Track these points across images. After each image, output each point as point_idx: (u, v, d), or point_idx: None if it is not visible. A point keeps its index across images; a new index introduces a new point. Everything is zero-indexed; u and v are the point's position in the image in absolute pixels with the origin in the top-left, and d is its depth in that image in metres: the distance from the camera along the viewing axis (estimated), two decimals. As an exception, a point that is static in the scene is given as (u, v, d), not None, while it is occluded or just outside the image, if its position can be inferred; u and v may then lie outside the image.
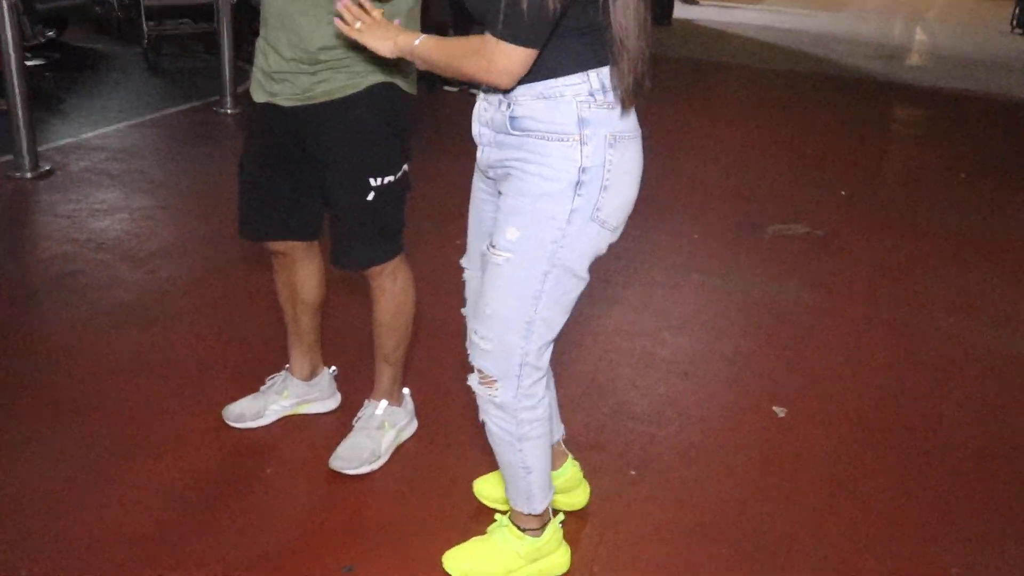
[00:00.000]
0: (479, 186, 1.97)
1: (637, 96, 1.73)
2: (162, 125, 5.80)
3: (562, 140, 1.70)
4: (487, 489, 2.33)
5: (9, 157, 4.80)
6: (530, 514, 2.03)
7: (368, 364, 2.51)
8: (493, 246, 1.80)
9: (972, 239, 4.45)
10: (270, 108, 2.20)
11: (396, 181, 2.21)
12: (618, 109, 1.73)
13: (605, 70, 1.70)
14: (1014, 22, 12.85)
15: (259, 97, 2.23)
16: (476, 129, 1.85)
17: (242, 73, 6.64)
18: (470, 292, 2.08)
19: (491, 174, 1.87)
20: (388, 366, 2.44)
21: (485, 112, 1.81)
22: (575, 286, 1.82)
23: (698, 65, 8.36)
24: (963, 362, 3.23)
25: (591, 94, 1.70)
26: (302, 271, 2.46)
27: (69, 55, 7.82)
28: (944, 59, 9.77)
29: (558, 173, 1.71)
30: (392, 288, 2.35)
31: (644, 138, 1.82)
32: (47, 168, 4.75)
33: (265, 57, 2.18)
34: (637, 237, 4.10)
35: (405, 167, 2.24)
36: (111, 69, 7.55)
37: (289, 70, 2.13)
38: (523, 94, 1.71)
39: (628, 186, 1.79)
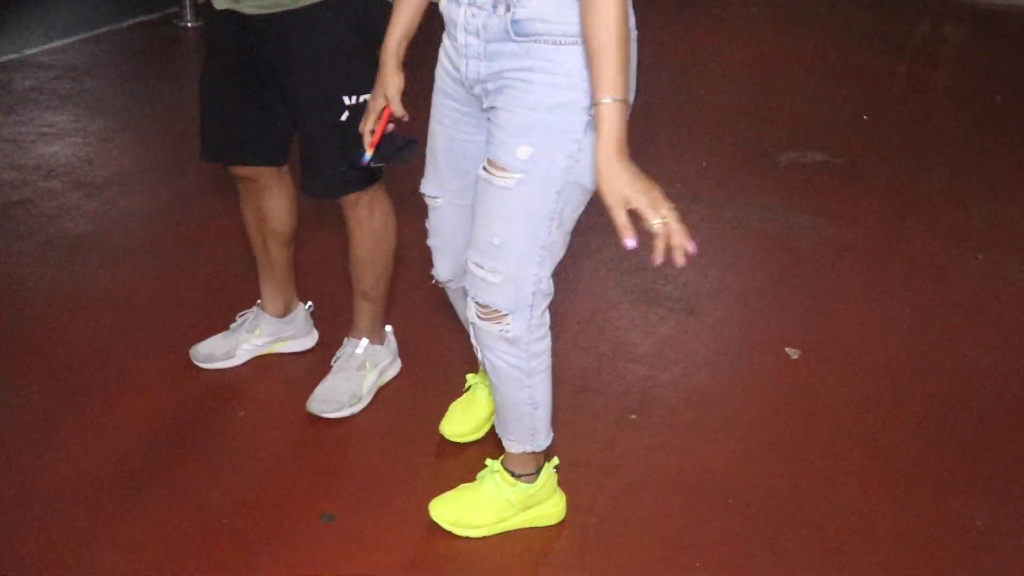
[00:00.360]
0: (450, 105, 1.92)
1: None
2: (115, 40, 5.72)
3: (576, 43, 1.67)
4: (452, 426, 2.39)
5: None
6: (533, 452, 2.08)
7: (348, 297, 2.53)
8: (500, 167, 1.77)
9: (1007, 169, 4.47)
10: (232, 16, 2.16)
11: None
12: None
13: None
14: None
15: (220, 3, 2.18)
16: (462, 39, 1.79)
17: (203, -18, 6.53)
18: (438, 221, 2.07)
19: (477, 90, 1.82)
20: (368, 303, 2.46)
21: (473, 19, 1.74)
22: (584, 200, 1.83)
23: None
24: (994, 303, 3.27)
25: None
26: (270, 199, 2.46)
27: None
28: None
29: (573, 81, 1.69)
30: (369, 220, 2.35)
31: (648, 58, 1.82)
32: (-12, 87, 4.72)
33: None
34: (639, 164, 4.10)
35: None
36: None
37: None
38: None
39: (634, 89, 1.77)
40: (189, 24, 5.96)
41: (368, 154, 2.00)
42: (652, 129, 4.48)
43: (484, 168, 1.81)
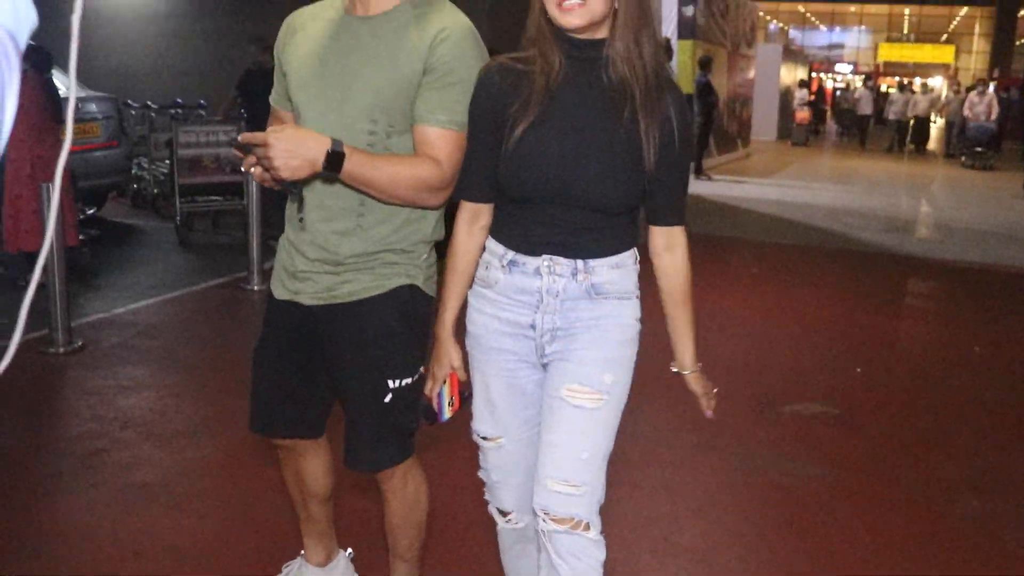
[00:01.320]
0: (507, 358, 2.07)
1: None
2: (191, 301, 5.98)
3: (630, 299, 2.06)
4: None
5: (44, 331, 4.95)
6: None
7: (386, 541, 2.50)
8: (590, 391, 1.98)
9: (993, 413, 4.45)
10: (290, 305, 2.22)
11: (413, 383, 2.20)
12: None
13: None
14: None
15: (280, 294, 2.24)
16: (546, 300, 2.01)
17: (269, 250, 6.81)
18: (501, 459, 2.15)
19: (546, 337, 2.02)
20: (403, 563, 2.42)
21: (554, 284, 1.99)
22: None
23: (711, 241, 8.56)
24: (990, 548, 3.17)
25: (636, 262, 2.07)
26: (308, 463, 2.44)
27: (106, 230, 8.15)
28: (952, 231, 9.98)
29: (633, 324, 2.06)
30: (403, 490, 2.32)
31: (654, 311, 2.17)
32: (79, 344, 4.89)
33: (289, 256, 2.22)
34: (651, 417, 4.13)
35: (422, 369, 2.22)
36: (145, 245, 7.85)
37: (313, 270, 2.16)
38: (601, 264, 2.00)
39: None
40: (255, 288, 6.22)
41: (449, 414, 2.16)
42: (660, 382, 4.52)
43: (568, 392, 1.99)
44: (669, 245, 2.07)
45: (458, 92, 2.02)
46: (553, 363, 2.04)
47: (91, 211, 7.99)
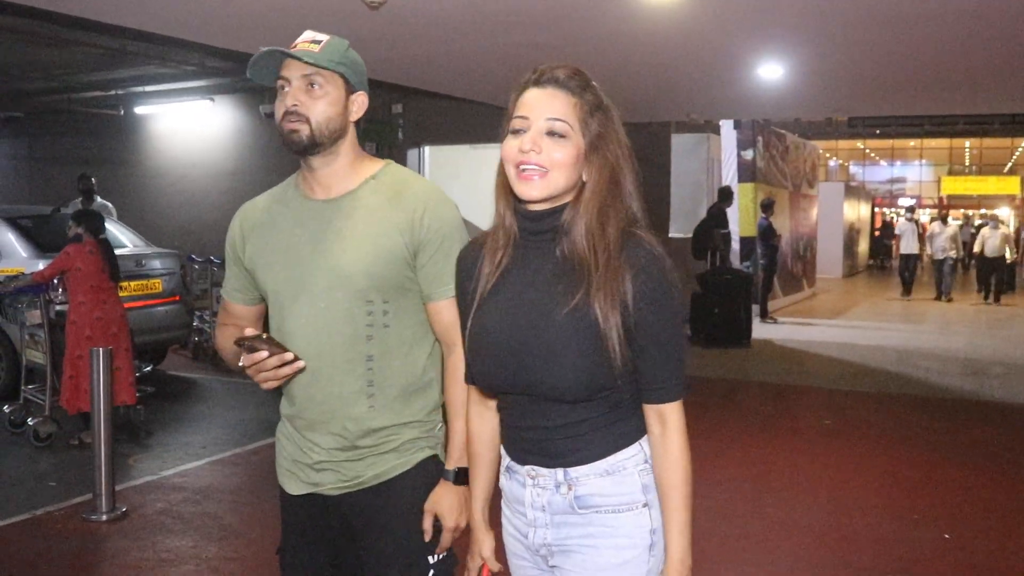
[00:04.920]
0: (524, 564, 1.90)
1: None
2: (243, 462, 5.84)
3: (631, 509, 1.75)
4: None
5: (88, 496, 4.85)
6: None
7: None
8: None
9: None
10: (312, 499, 2.09)
11: (449, 553, 2.09)
12: None
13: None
14: None
15: (295, 489, 2.11)
16: (530, 515, 1.82)
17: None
18: None
19: (543, 552, 1.83)
20: None
21: (538, 497, 1.80)
22: None
23: (780, 390, 8.22)
24: None
25: (646, 461, 1.77)
26: None
27: (164, 385, 8.15)
28: (1038, 373, 9.47)
29: (632, 541, 1.75)
30: None
31: (722, 475, 1.86)
32: (123, 510, 4.77)
33: (299, 449, 2.10)
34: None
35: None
36: (202, 400, 7.82)
37: (332, 459, 2.05)
38: (587, 474, 1.75)
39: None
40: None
41: None
42: (733, 554, 4.20)
43: None
44: (659, 424, 1.73)
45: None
46: None
47: (148, 368, 8.02)
